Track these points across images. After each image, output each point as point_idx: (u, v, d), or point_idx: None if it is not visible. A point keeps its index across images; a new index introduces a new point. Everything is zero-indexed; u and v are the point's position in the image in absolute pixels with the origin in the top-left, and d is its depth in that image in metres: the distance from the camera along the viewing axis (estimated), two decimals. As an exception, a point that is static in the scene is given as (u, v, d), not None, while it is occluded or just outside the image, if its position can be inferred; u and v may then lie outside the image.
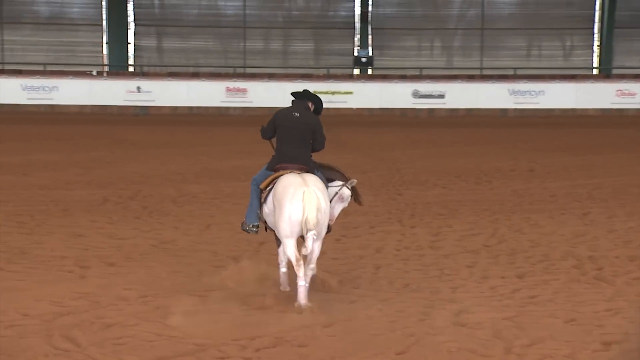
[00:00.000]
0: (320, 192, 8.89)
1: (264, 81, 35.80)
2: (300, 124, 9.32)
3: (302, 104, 9.53)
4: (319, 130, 9.49)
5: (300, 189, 8.80)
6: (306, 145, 9.37)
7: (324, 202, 8.90)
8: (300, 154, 9.28)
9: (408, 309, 9.11)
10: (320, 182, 9.12)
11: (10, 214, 13.70)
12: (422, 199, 16.52)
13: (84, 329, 7.99)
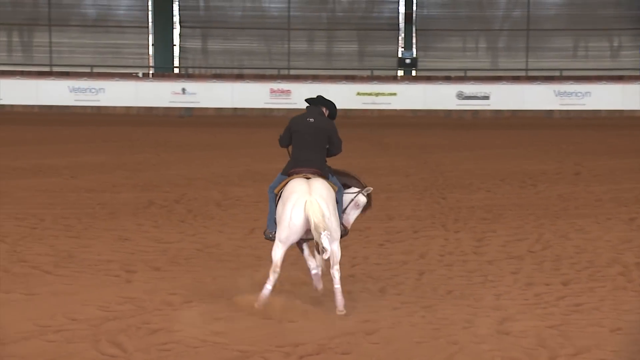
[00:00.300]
0: (323, 200, 8.97)
1: (307, 83, 35.86)
2: (315, 129, 9.40)
3: (316, 110, 9.61)
4: (334, 134, 9.54)
5: (303, 197, 8.92)
6: (321, 150, 9.44)
7: (327, 209, 8.97)
8: (314, 158, 9.34)
9: (452, 316, 9.09)
10: (326, 189, 9.16)
11: (58, 217, 13.88)
12: (466, 202, 16.45)
13: (130, 334, 8.09)
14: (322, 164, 9.40)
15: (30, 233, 12.58)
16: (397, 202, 16.36)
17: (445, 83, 36.50)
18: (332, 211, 9.06)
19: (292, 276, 10.45)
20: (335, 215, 9.09)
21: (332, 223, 9.00)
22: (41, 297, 9.21)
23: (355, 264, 11.39)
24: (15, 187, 16.66)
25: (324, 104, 9.70)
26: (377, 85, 36.15)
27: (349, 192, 9.83)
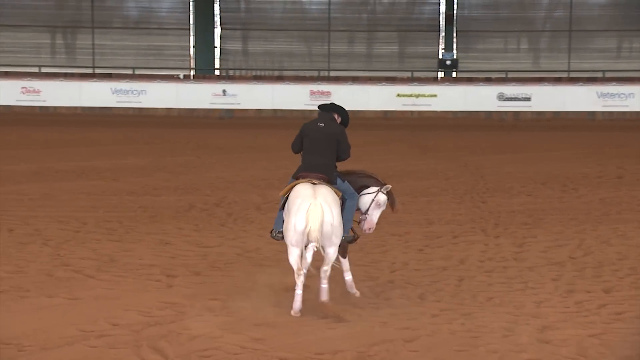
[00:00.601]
0: (327, 205, 9.08)
1: (347, 84, 35.90)
2: (324, 134, 9.50)
3: (328, 115, 9.71)
4: (343, 140, 9.59)
5: (307, 201, 9.04)
6: (330, 155, 9.51)
7: (331, 214, 9.09)
8: (322, 163, 9.44)
9: (491, 324, 9.05)
10: (331, 194, 9.24)
11: (100, 220, 14.02)
12: (507, 207, 16.36)
13: (170, 340, 8.16)
14: (330, 170, 9.49)
15: (74, 236, 12.73)
16: (436, 205, 16.32)
17: (486, 84, 36.34)
18: (337, 216, 9.17)
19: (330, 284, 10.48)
20: (338, 221, 9.20)
21: (335, 228, 9.14)
22: (84, 301, 9.32)
23: (394, 269, 11.39)
24: (59, 190, 16.87)
25: (336, 110, 9.80)
26: (417, 86, 36.08)
27: (368, 193, 9.92)
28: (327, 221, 9.04)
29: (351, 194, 9.70)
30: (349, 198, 9.67)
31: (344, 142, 9.59)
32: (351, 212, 9.72)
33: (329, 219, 9.07)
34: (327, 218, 9.06)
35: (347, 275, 10.13)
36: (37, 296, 9.43)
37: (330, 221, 9.08)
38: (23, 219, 13.85)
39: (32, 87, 34.55)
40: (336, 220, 9.14)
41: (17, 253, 11.50)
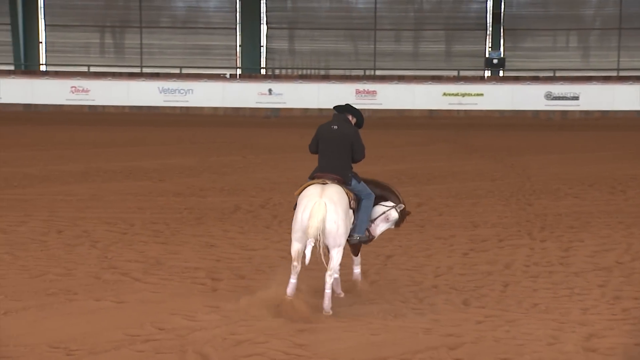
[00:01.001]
0: (331, 204, 9.24)
1: (393, 83, 35.87)
2: (338, 136, 9.68)
3: (342, 117, 9.90)
4: (357, 141, 9.76)
5: (313, 200, 9.24)
6: (343, 156, 9.68)
7: (334, 213, 9.24)
8: (336, 165, 9.62)
9: (536, 331, 8.99)
10: (338, 194, 9.38)
11: (147, 222, 14.17)
12: (553, 209, 16.24)
13: (215, 345, 8.22)
14: (344, 171, 9.65)
15: (121, 238, 12.87)
16: (482, 208, 16.24)
17: (533, 83, 36.10)
18: (341, 215, 9.30)
19: (374, 288, 10.50)
20: (343, 221, 9.33)
21: (338, 227, 9.29)
22: (130, 305, 9.42)
23: (439, 274, 11.35)
24: (107, 190, 17.08)
25: (350, 112, 10.00)
26: (463, 85, 35.94)
27: (383, 205, 10.19)
28: (329, 219, 9.20)
29: (367, 194, 9.85)
30: (365, 198, 9.84)
31: (358, 144, 9.75)
32: (367, 212, 9.89)
33: (332, 217, 9.22)
34: (330, 216, 9.21)
35: (356, 269, 10.38)
36: (85, 299, 9.56)
37: (334, 219, 9.23)
38: (72, 220, 14.04)
39: (81, 87, 35.00)
40: (340, 220, 9.27)
41: (66, 255, 11.67)
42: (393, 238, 13.48)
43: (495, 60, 38.34)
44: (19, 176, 18.55)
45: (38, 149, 23.45)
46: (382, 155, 24.10)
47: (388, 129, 31.29)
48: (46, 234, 12.96)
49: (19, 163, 20.52)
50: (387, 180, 19.08)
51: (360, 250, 12.18)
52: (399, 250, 12.69)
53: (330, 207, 9.22)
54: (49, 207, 15.19)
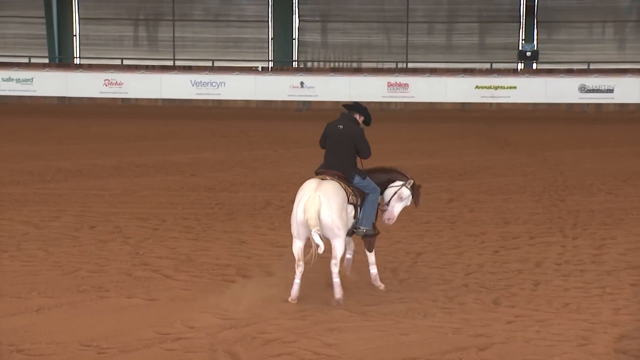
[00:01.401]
0: (325, 198, 9.56)
1: (425, 76, 35.72)
2: (343, 135, 10.08)
3: (349, 116, 10.27)
4: (360, 141, 10.11)
5: (307, 194, 9.61)
6: (347, 154, 10.05)
7: (327, 207, 9.54)
8: (340, 162, 10.04)
9: (567, 332, 8.94)
10: (334, 188, 9.71)
11: (178, 218, 14.24)
12: (586, 205, 16.13)
13: (245, 344, 8.26)
14: (348, 167, 10.04)
15: (152, 234, 12.95)
16: (513, 204, 16.16)
17: (567, 76, 35.77)
18: (335, 209, 9.58)
19: (403, 286, 10.49)
20: (338, 214, 9.60)
21: (334, 221, 9.57)
22: (161, 302, 9.49)
23: (469, 272, 11.31)
24: (139, 185, 17.18)
25: (358, 111, 10.31)
26: (496, 78, 35.71)
27: (393, 186, 10.46)
28: (324, 212, 9.52)
29: (373, 188, 10.18)
30: (371, 192, 10.15)
31: (362, 144, 10.10)
32: (372, 206, 10.19)
33: (326, 211, 9.53)
34: (324, 209, 9.53)
35: (372, 269, 10.50)
36: (117, 296, 9.64)
37: (327, 213, 9.54)
38: (104, 216, 14.15)
39: (114, 80, 35.19)
40: (334, 213, 9.56)
41: (98, 251, 11.76)
42: (424, 235, 13.48)
43: (529, 52, 38.05)
44: (52, 170, 18.73)
45: (71, 142, 23.63)
46: (413, 149, 24.06)
47: (420, 122, 31.20)
48: (79, 230, 13.08)
49: (52, 157, 20.71)
50: (419, 176, 19.14)
51: (390, 248, 12.22)
52: (429, 247, 12.67)
53: (323, 201, 9.54)
54: (81, 202, 15.33)
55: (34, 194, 15.95)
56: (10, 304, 9.28)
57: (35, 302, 9.31)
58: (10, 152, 21.25)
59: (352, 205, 9.97)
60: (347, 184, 9.93)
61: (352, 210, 9.98)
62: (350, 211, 9.95)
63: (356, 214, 10.07)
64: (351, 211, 9.97)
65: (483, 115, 33.70)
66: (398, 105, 35.46)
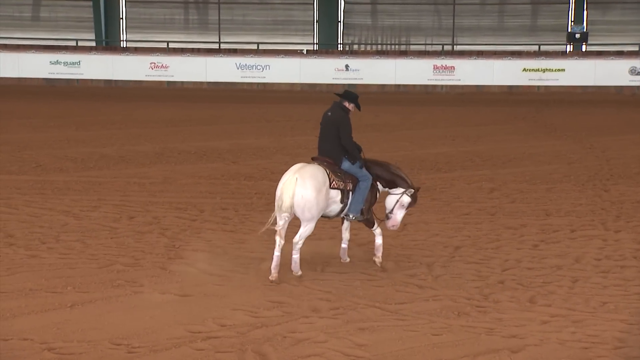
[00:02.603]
0: (302, 180, 10.06)
1: (472, 59, 35.32)
2: (330, 122, 10.65)
3: (338, 104, 10.76)
4: (342, 128, 10.57)
5: (287, 176, 10.16)
6: (334, 140, 10.58)
7: (302, 188, 10.05)
8: (328, 148, 10.61)
9: (603, 333, 8.80)
10: (313, 171, 10.20)
11: (216, 208, 14.24)
12: (631, 196, 15.86)
13: (275, 344, 8.23)
14: (336, 153, 10.56)
15: (190, 225, 12.97)
16: (556, 194, 15.94)
17: (617, 58, 35.13)
18: (309, 190, 10.03)
19: (439, 283, 10.39)
20: (312, 196, 10.04)
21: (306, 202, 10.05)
22: (193, 299, 9.49)
23: (506, 267, 11.17)
24: (180, 173, 17.23)
25: (347, 98, 10.78)
26: (544, 60, 35.19)
27: (394, 194, 10.92)
28: (297, 193, 10.02)
29: (363, 175, 10.64)
30: (362, 180, 10.60)
31: (343, 130, 10.55)
32: (362, 194, 10.60)
33: (299, 191, 10.02)
34: (298, 190, 10.03)
35: (378, 240, 11.02)
36: (150, 292, 9.66)
37: (301, 193, 10.02)
38: (143, 205, 14.21)
39: (160, 63, 35.31)
40: (308, 194, 10.02)
41: (135, 243, 11.81)
42: (462, 227, 13.34)
43: (578, 34, 37.41)
44: (95, 157, 18.86)
45: (116, 127, 23.77)
46: (457, 134, 23.83)
47: (465, 106, 30.89)
48: (117, 220, 13.15)
49: (96, 143, 20.84)
50: (461, 164, 18.94)
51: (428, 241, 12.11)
52: (467, 241, 12.53)
53: (299, 182, 10.02)
54: (122, 190, 15.41)
55: (76, 182, 16.07)
56: (45, 299, 9.35)
57: (69, 298, 9.37)
58: (55, 138, 21.43)
59: (338, 190, 10.40)
60: (333, 170, 10.41)
61: (337, 195, 10.41)
62: (335, 196, 10.39)
63: (343, 198, 10.47)
64: (336, 196, 10.40)
65: (530, 99, 33.26)
66: (444, 88, 35.13)
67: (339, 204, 10.53)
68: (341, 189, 10.46)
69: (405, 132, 24.30)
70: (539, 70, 35.13)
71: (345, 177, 10.57)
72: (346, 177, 10.59)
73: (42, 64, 35.09)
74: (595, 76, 35.04)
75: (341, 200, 10.50)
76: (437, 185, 16.67)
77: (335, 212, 10.69)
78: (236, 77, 35.23)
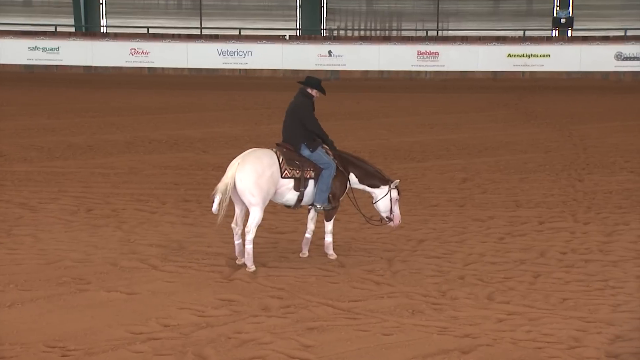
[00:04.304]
0: (243, 164, 10.04)
1: (456, 44, 35.03)
2: (291, 108, 10.62)
3: (301, 91, 10.69)
4: (303, 113, 10.49)
5: (233, 162, 10.16)
6: (294, 127, 10.50)
7: (242, 172, 10.01)
8: (288, 135, 10.57)
9: (559, 332, 8.53)
10: (257, 156, 10.16)
11: (179, 200, 13.94)
12: (604, 186, 15.63)
13: (218, 345, 7.94)
14: (295, 140, 10.47)
15: (149, 218, 12.67)
16: (529, 185, 15.70)
17: (603, 43, 34.90)
18: (250, 174, 9.98)
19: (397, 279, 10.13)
20: (253, 180, 9.98)
21: (246, 186, 9.99)
22: (140, 297, 9.19)
23: (468, 262, 10.91)
24: (147, 163, 16.93)
25: (309, 84, 10.66)
26: (529, 46, 34.93)
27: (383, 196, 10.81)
28: (237, 177, 10.00)
29: (325, 163, 10.49)
30: (325, 168, 10.45)
31: (304, 115, 10.47)
32: (326, 182, 10.47)
33: (239, 175, 10.00)
34: (238, 174, 10.00)
35: (328, 237, 10.81)
36: (96, 289, 9.34)
37: (240, 177, 9.99)
38: (104, 197, 13.90)
39: (140, 49, 34.93)
40: (248, 178, 9.96)
41: (88, 237, 11.47)
42: (428, 220, 13.08)
43: (563, 19, 37.12)
44: (63, 146, 18.53)
45: (90, 115, 23.43)
46: (436, 122, 23.57)
47: (449, 92, 30.61)
48: (74, 213, 12.83)
49: (66, 131, 20.52)
50: (436, 153, 18.66)
51: (391, 234, 11.85)
52: (432, 234, 12.27)
53: (240, 167, 10.00)
54: (85, 181, 15.11)
55: (38, 172, 15.75)
56: (-15, 298, 9.05)
57: (10, 296, 9.03)
58: (24, 126, 21.10)
59: (292, 179, 10.29)
60: (290, 157, 10.32)
61: (289, 183, 10.28)
62: (287, 184, 10.27)
63: (299, 187, 10.31)
64: (288, 183, 10.27)
65: (515, 85, 33.00)
66: (428, 74, 34.84)
67: (294, 192, 10.37)
68: (296, 177, 10.30)
69: (385, 120, 24.01)
70: (524, 55, 34.89)
71: (304, 165, 10.40)
72: (306, 165, 10.42)
73: (21, 50, 34.69)
74: (581, 62, 34.82)
75: (296, 188, 10.33)
76: (409, 175, 16.40)
77: (293, 201, 10.50)
78: (218, 63, 34.89)
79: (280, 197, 10.47)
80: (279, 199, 10.53)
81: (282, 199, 10.49)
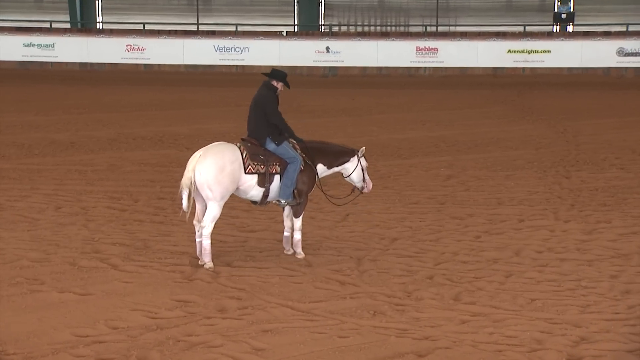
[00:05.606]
0: (203, 157, 9.80)
1: (455, 40, 34.66)
2: (255, 102, 10.43)
3: (266, 84, 10.51)
4: (267, 106, 10.30)
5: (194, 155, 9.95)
6: (259, 120, 10.29)
7: (201, 165, 9.78)
8: (253, 128, 10.34)
9: (522, 334, 8.25)
10: (218, 150, 9.93)
11: (153, 197, 13.69)
12: (591, 183, 15.32)
13: (164, 349, 7.67)
14: (259, 134, 10.24)
15: (118, 216, 12.41)
16: (514, 181, 15.41)
17: (604, 39, 34.46)
18: (210, 168, 9.75)
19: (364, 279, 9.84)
20: (212, 174, 9.75)
21: (205, 180, 9.76)
22: (93, 298, 8.92)
23: (440, 261, 10.62)
24: (127, 160, 16.69)
25: (274, 77, 10.51)
26: (529, 42, 34.52)
27: (354, 168, 10.77)
28: (196, 170, 9.78)
29: (291, 157, 10.30)
30: (290, 162, 10.26)
31: (268, 108, 10.26)
32: (291, 178, 10.26)
33: (198, 168, 9.77)
34: (198, 167, 9.78)
35: (297, 235, 10.54)
36: (49, 290, 9.08)
37: (199, 170, 9.76)
38: (76, 195, 13.65)
39: (136, 45, 34.66)
40: (207, 171, 9.73)
41: (51, 236, 11.21)
42: (406, 218, 12.80)
43: (564, 14, 36.68)
44: (44, 143, 18.29)
45: (79, 112, 23.19)
46: (430, 119, 23.27)
47: (448, 89, 30.26)
48: (42, 211, 12.57)
49: (51, 128, 20.28)
50: (425, 149, 18.35)
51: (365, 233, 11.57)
52: (407, 232, 11.99)
53: (201, 160, 9.78)
54: (60, 178, 14.86)
55: (14, 169, 15.50)
56: None
57: (-42, 298, 8.81)
58: (10, 123, 20.87)
59: (256, 175, 10.07)
60: (254, 152, 10.08)
61: (252, 178, 10.05)
62: (250, 180, 10.04)
63: (263, 183, 10.10)
64: (251, 179, 10.05)
65: (515, 81, 32.62)
66: (427, 70, 34.49)
67: (259, 188, 10.16)
68: (261, 172, 10.09)
69: (378, 117, 23.72)
70: (524, 51, 34.49)
71: (269, 160, 10.18)
72: (271, 160, 10.20)
73: (16, 47, 34.44)
74: (582, 57, 34.39)
75: (260, 184, 10.12)
76: (393, 172, 16.12)
77: (258, 197, 10.28)
78: (214, 59, 34.60)
79: (244, 194, 10.23)
80: (244, 195, 10.29)
81: (247, 195, 10.25)
